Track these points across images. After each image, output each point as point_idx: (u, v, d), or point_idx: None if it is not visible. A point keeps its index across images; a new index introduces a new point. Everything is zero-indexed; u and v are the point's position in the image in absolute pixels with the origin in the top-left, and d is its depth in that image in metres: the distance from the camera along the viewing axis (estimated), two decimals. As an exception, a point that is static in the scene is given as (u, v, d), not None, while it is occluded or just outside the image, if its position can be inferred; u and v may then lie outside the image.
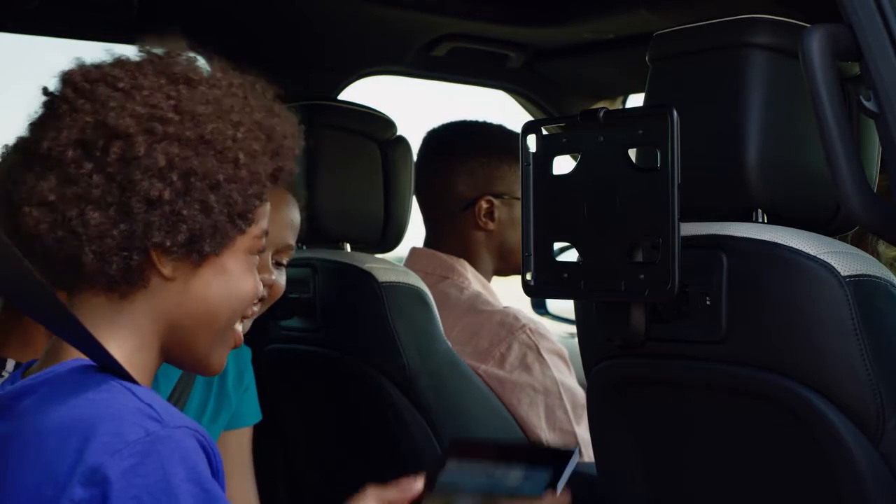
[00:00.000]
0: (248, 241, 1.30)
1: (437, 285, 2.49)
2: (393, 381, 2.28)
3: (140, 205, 1.22)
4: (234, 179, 1.26)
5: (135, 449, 1.13)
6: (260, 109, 1.32)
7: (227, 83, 1.31)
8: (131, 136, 1.22)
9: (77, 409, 1.16)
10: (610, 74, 3.20)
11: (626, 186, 1.52)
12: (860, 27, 1.37)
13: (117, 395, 1.18)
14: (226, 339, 1.33)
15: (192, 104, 1.26)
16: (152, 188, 1.22)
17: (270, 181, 1.32)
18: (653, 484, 1.71)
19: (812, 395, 1.43)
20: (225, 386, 2.05)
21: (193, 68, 1.30)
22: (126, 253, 1.23)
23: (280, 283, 2.01)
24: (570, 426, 2.40)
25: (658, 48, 1.65)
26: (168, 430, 1.15)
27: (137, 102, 1.24)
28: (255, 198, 1.29)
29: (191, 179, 1.23)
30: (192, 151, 1.24)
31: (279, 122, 1.34)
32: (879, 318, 1.42)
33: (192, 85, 1.27)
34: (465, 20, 2.81)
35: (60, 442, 1.15)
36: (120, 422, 1.14)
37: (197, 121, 1.25)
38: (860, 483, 1.40)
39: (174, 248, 1.24)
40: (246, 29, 2.77)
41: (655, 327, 1.56)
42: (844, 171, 1.38)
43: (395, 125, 2.53)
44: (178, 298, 1.27)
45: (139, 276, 1.25)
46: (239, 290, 1.30)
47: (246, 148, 1.28)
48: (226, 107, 1.28)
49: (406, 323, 2.27)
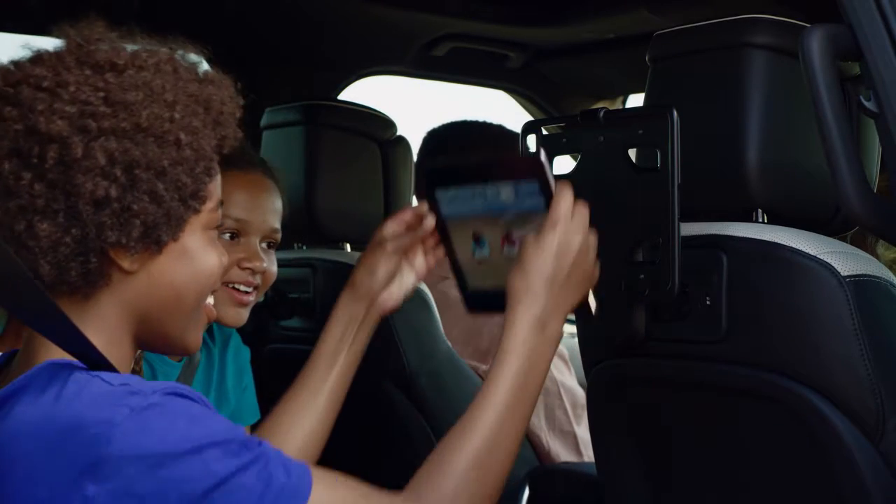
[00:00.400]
0: (203, 217, 1.27)
1: (437, 285, 2.49)
2: (393, 381, 2.28)
3: (88, 207, 1.18)
4: (179, 162, 1.22)
5: (125, 427, 1.12)
6: (192, 81, 1.27)
7: (153, 61, 1.25)
8: (66, 139, 1.18)
9: (58, 410, 1.14)
10: (610, 74, 3.20)
11: (625, 186, 1.52)
12: (860, 27, 1.37)
13: (90, 387, 1.16)
14: (197, 317, 1.30)
15: (122, 93, 1.21)
16: (97, 188, 1.18)
17: (216, 152, 1.28)
18: (652, 483, 1.71)
19: (812, 395, 1.43)
20: (224, 385, 2.05)
21: (117, 52, 1.24)
22: (83, 258, 1.20)
23: (272, 270, 2.00)
24: (569, 426, 2.40)
25: (658, 48, 1.65)
26: (149, 398, 1.14)
27: (65, 101, 1.19)
28: (204, 174, 1.25)
29: (135, 171, 1.19)
30: (131, 142, 1.19)
31: (214, 89, 1.28)
32: (879, 318, 1.42)
33: (118, 71, 1.22)
34: (465, 20, 2.81)
35: (48, 444, 1.13)
36: (102, 409, 1.13)
37: (130, 109, 1.20)
38: (860, 483, 1.40)
39: (131, 244, 1.21)
40: (246, 29, 2.77)
41: (655, 327, 1.56)
42: (844, 171, 1.37)
43: (395, 125, 2.53)
44: (143, 289, 1.25)
45: (100, 276, 1.22)
46: (203, 268, 1.27)
47: (185, 126, 1.23)
48: (157, 88, 1.23)
49: (406, 323, 2.27)
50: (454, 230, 1.52)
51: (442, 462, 1.30)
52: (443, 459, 1.31)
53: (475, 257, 1.52)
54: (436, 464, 1.31)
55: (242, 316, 1.97)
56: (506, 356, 1.37)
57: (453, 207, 1.50)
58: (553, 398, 2.41)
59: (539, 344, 1.38)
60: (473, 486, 1.30)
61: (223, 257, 1.31)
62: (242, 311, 1.97)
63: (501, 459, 1.33)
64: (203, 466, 1.13)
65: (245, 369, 2.10)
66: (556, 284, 1.39)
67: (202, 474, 1.13)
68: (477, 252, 1.51)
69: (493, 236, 1.48)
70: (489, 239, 1.49)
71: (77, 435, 1.13)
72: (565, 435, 2.40)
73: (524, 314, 1.38)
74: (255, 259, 1.95)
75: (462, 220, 1.50)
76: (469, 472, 1.30)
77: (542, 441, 2.38)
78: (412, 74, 3.16)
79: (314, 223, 2.42)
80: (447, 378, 2.30)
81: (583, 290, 1.43)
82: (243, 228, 1.96)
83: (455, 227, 1.52)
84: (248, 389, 2.10)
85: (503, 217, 1.46)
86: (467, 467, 1.30)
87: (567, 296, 1.40)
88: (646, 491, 1.71)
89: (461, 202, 1.49)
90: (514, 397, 1.35)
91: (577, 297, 1.42)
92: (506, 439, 1.34)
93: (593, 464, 1.83)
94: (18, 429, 1.15)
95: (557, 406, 2.40)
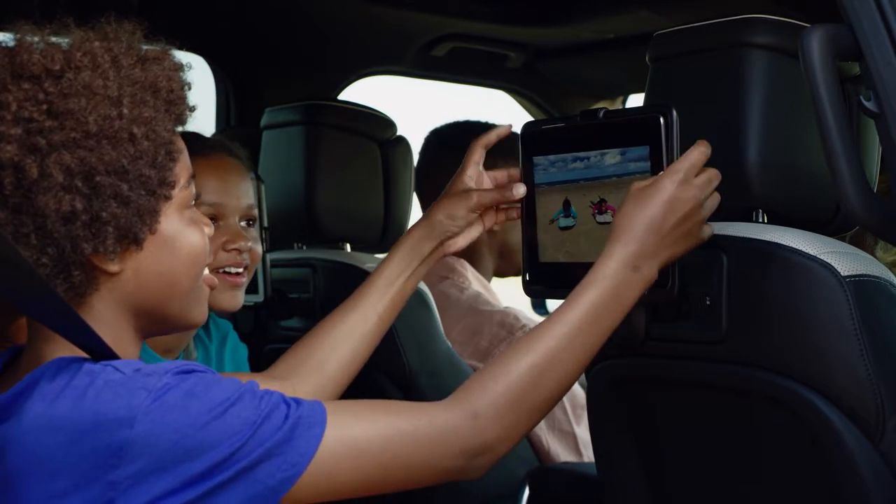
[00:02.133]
0: (177, 200, 1.25)
1: (437, 285, 2.49)
2: (393, 381, 2.28)
3: (57, 225, 1.17)
4: (138, 156, 1.20)
5: (146, 408, 1.13)
6: (133, 66, 1.23)
7: (89, 58, 1.21)
8: (18, 163, 1.16)
9: (76, 404, 1.15)
10: (610, 74, 3.20)
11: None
12: (860, 27, 1.37)
13: (104, 376, 1.16)
14: (197, 294, 1.30)
15: (64, 101, 1.18)
16: (62, 204, 1.16)
17: (175, 130, 1.26)
18: (653, 484, 1.71)
19: (812, 395, 1.43)
20: None
21: (50, 56, 1.20)
22: (65, 274, 1.19)
23: (256, 249, 2.01)
24: (569, 426, 2.40)
25: (658, 48, 1.65)
26: (164, 378, 1.15)
27: (9, 123, 1.17)
28: (167, 160, 1.23)
29: (96, 179, 1.18)
30: (85, 150, 1.17)
31: (158, 68, 1.25)
32: (879, 318, 1.41)
33: (55, 77, 1.19)
34: (465, 20, 2.81)
35: (69, 436, 1.14)
36: (121, 396, 1.14)
37: (76, 117, 1.18)
38: (860, 483, 1.40)
39: (109, 249, 1.20)
40: (246, 29, 2.77)
41: (655, 327, 1.56)
42: (844, 171, 1.37)
43: (395, 125, 2.53)
44: (133, 285, 1.24)
45: (87, 285, 1.22)
46: (189, 249, 1.27)
47: (136, 119, 1.21)
48: (98, 87, 1.19)
49: (406, 323, 2.27)
50: (542, 196, 1.51)
51: (497, 368, 1.31)
52: (498, 365, 1.31)
53: (558, 226, 1.51)
54: (490, 369, 1.31)
55: (238, 298, 1.97)
56: (587, 285, 1.36)
57: (549, 174, 1.49)
58: (553, 398, 2.41)
59: (625, 282, 1.36)
60: (525, 396, 1.30)
61: (208, 228, 1.30)
62: (237, 294, 1.97)
63: (558, 378, 1.32)
64: (227, 428, 1.15)
65: (243, 367, 2.10)
66: (659, 231, 1.38)
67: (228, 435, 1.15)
68: (562, 220, 1.51)
69: (584, 203, 1.48)
70: (579, 206, 1.48)
71: (98, 425, 1.13)
72: (565, 435, 2.40)
73: (619, 250, 1.37)
74: (239, 238, 1.96)
75: (554, 187, 1.50)
76: (523, 382, 1.30)
77: (542, 441, 2.38)
78: (412, 74, 3.16)
79: (314, 223, 2.42)
80: (447, 378, 2.30)
81: (686, 245, 1.41)
82: (220, 212, 1.97)
83: (544, 194, 1.51)
84: None
85: (600, 182, 1.45)
86: (522, 376, 1.30)
87: (668, 245, 1.39)
88: (646, 491, 1.71)
89: (559, 169, 1.48)
90: (585, 324, 1.34)
91: (679, 250, 1.41)
92: (567, 360, 1.33)
93: (593, 464, 1.82)
94: (33, 425, 1.16)
95: (557, 406, 2.40)
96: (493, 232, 2.61)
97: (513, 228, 2.59)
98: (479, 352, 2.43)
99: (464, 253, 2.60)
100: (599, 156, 1.45)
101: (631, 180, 1.43)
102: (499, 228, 1.68)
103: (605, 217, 1.47)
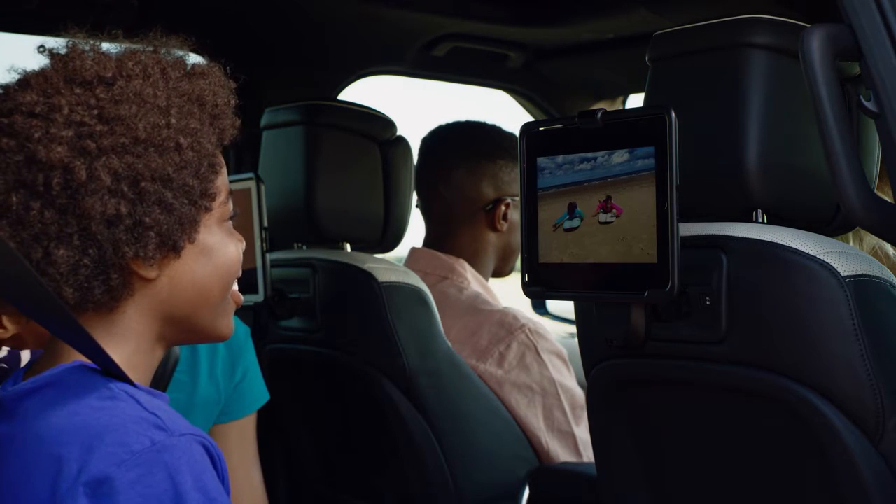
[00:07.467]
0: (216, 212, 1.28)
1: (436, 285, 2.49)
2: (393, 381, 2.28)
3: (101, 227, 1.19)
4: (183, 166, 1.23)
5: (141, 459, 1.12)
6: (181, 78, 1.27)
7: (140, 68, 1.25)
8: (68, 164, 1.18)
9: (78, 416, 1.16)
10: (610, 74, 3.20)
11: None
12: (860, 27, 1.37)
13: (121, 403, 1.17)
14: (225, 306, 1.32)
15: (115, 107, 1.21)
16: (107, 207, 1.19)
17: (219, 145, 1.29)
18: (652, 484, 1.71)
19: (812, 395, 1.43)
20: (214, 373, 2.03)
21: (103, 63, 1.24)
22: (104, 276, 1.21)
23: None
24: (568, 427, 2.40)
25: (658, 48, 1.65)
26: (174, 439, 1.14)
27: (61, 125, 1.19)
28: (210, 172, 1.26)
29: (141, 184, 1.20)
30: (133, 156, 1.20)
31: (205, 82, 1.28)
32: (879, 318, 1.41)
33: (107, 84, 1.22)
34: (465, 20, 2.81)
35: (61, 448, 1.14)
36: (125, 432, 1.13)
37: (126, 123, 1.20)
38: (860, 483, 1.40)
39: (149, 255, 1.22)
40: (246, 29, 2.77)
41: (655, 327, 1.55)
42: (844, 171, 1.37)
43: (395, 125, 2.53)
44: (167, 293, 1.26)
45: (123, 289, 1.23)
46: (224, 261, 1.29)
47: (183, 129, 1.24)
48: (149, 96, 1.23)
49: (406, 323, 2.27)
50: (546, 200, 1.49)
51: None
52: None
53: (563, 228, 1.50)
54: None
55: None
56: None
57: (556, 177, 1.47)
58: (551, 399, 2.41)
59: None
60: None
61: (241, 244, 1.32)
62: None
63: None
64: None
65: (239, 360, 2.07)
66: None
67: None
68: (567, 223, 1.49)
69: (589, 203, 1.47)
70: (586, 206, 1.47)
71: (94, 447, 1.13)
72: (564, 435, 2.40)
73: None
74: None
75: (560, 190, 1.48)
76: None
77: (542, 441, 2.38)
78: (412, 74, 3.16)
79: (314, 223, 2.42)
80: (447, 378, 2.30)
81: None
82: None
83: (549, 198, 1.49)
84: (246, 378, 2.07)
85: (607, 181, 1.44)
86: None
87: None
88: (645, 491, 1.71)
89: (566, 171, 1.46)
90: None
91: None
92: None
93: (593, 464, 1.83)
94: (43, 433, 1.16)
95: (556, 407, 2.40)
96: (501, 233, 2.62)
97: (517, 229, 2.60)
98: (478, 350, 2.43)
99: (467, 253, 2.61)
100: (607, 155, 1.45)
101: (636, 178, 1.43)
102: (504, 230, 1.65)
103: (608, 217, 1.46)
